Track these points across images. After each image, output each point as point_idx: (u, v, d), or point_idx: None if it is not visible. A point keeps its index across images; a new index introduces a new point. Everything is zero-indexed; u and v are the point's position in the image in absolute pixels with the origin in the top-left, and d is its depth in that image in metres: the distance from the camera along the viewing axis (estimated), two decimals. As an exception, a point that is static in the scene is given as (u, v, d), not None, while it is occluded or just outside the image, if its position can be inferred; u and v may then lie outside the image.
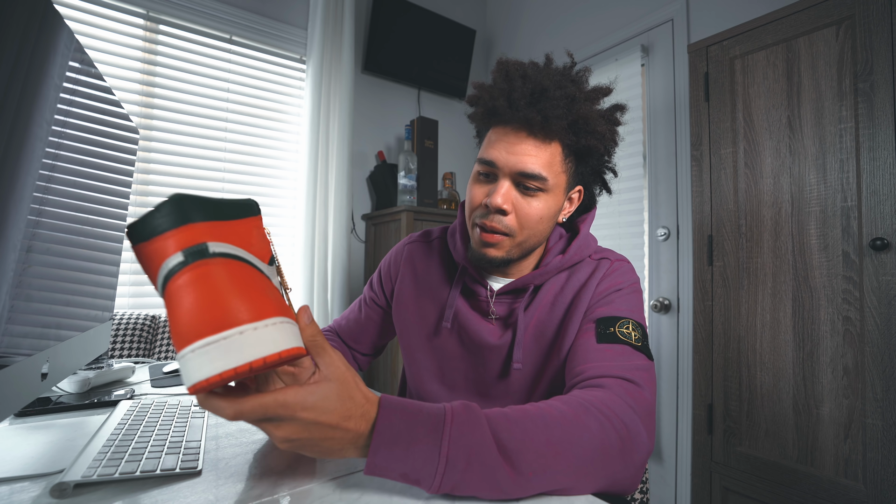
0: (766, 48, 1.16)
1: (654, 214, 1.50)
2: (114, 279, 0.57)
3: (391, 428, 0.31)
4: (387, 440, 0.31)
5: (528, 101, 0.48)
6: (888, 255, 0.95)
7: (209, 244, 0.26)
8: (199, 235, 0.25)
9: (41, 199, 0.36)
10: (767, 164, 1.16)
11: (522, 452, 0.33)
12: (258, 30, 1.63)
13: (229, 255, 0.26)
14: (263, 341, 0.25)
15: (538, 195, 0.50)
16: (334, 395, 0.30)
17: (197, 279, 0.24)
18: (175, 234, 0.25)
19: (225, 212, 0.29)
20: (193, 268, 0.24)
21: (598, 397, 0.39)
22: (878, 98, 0.97)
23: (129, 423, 0.45)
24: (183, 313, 0.23)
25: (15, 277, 0.33)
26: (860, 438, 0.97)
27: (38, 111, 0.34)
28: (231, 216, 0.29)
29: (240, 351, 0.23)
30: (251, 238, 0.30)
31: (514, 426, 0.34)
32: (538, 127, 0.48)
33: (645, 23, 1.53)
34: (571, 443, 0.35)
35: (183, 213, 0.25)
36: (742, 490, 1.16)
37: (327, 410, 0.29)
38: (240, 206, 0.31)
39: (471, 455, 0.32)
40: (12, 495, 0.33)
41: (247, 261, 0.28)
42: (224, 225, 0.28)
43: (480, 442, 0.32)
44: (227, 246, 0.27)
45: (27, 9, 0.31)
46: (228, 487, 0.35)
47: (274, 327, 0.26)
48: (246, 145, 1.62)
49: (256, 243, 0.30)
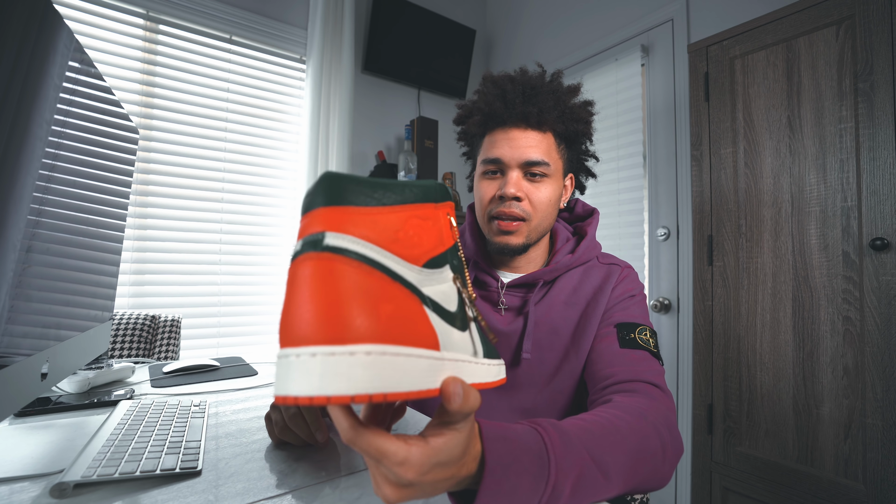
0: (766, 48, 1.16)
1: (655, 214, 1.50)
2: (113, 279, 0.57)
3: (500, 464, 0.28)
4: (497, 478, 0.28)
5: (522, 99, 0.54)
6: (888, 255, 0.95)
7: (327, 234, 0.21)
8: (320, 222, 0.21)
9: (41, 198, 0.36)
10: (767, 164, 1.16)
11: (612, 466, 0.34)
12: (258, 30, 1.62)
13: (343, 251, 0.21)
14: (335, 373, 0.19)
15: (544, 181, 0.55)
16: (460, 448, 0.25)
17: (301, 272, 0.20)
18: (304, 219, 0.22)
19: (373, 196, 0.23)
20: (303, 260, 0.20)
21: (644, 405, 0.43)
22: (878, 98, 0.97)
23: (128, 423, 0.45)
24: (284, 304, 0.20)
25: (15, 277, 0.33)
26: (860, 438, 0.97)
27: (38, 111, 0.34)
28: (379, 202, 0.23)
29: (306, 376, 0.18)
30: (399, 230, 0.23)
31: (601, 441, 0.35)
32: (534, 119, 0.54)
33: (645, 23, 1.53)
34: (642, 453, 0.37)
35: (316, 195, 0.22)
36: (742, 490, 1.16)
37: (450, 465, 0.25)
38: (403, 190, 0.24)
39: (574, 481, 0.32)
40: (12, 495, 0.33)
41: (370, 260, 0.21)
42: (361, 212, 0.22)
43: (581, 464, 0.32)
44: (347, 239, 0.21)
45: (27, 9, 0.31)
46: (228, 487, 0.35)
47: (353, 358, 0.19)
48: (246, 145, 1.62)
49: (406, 238, 0.23)
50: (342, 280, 0.20)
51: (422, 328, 0.22)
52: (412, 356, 0.21)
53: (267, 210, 1.67)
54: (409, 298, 0.22)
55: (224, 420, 0.51)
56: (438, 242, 0.25)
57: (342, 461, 0.41)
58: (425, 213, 0.25)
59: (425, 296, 0.24)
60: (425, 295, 0.24)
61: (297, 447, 0.44)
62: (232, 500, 0.33)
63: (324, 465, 0.39)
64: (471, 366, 0.26)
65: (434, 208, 0.26)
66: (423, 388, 0.21)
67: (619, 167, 1.61)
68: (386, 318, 0.20)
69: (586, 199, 1.74)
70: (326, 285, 0.19)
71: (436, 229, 0.25)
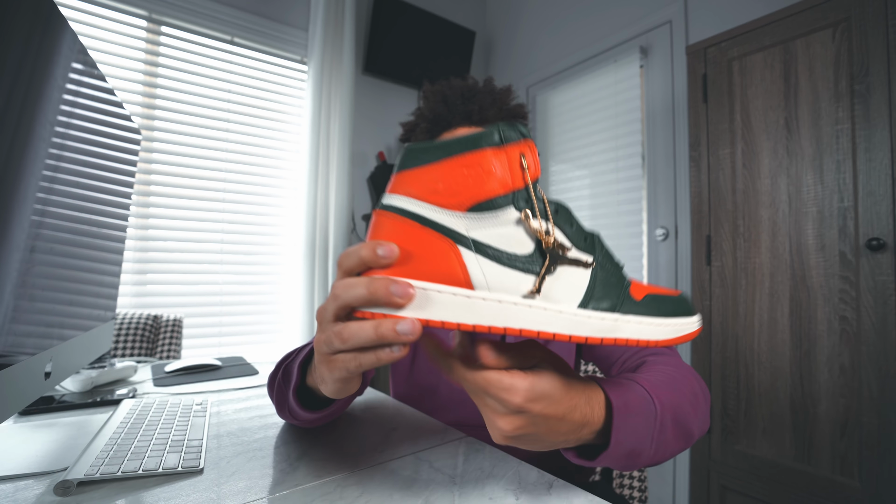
0: (763, 50, 1.17)
1: (653, 214, 1.50)
2: (116, 279, 0.58)
3: (625, 405, 0.32)
4: (625, 417, 0.31)
5: (462, 100, 0.57)
6: (884, 255, 0.96)
7: (384, 196, 0.27)
8: (388, 186, 0.27)
9: (44, 199, 0.36)
10: (765, 165, 1.16)
11: (686, 406, 0.37)
12: (259, 31, 1.63)
13: (387, 207, 0.26)
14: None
15: None
16: (559, 384, 0.28)
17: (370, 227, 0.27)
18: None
19: (421, 157, 0.26)
20: (374, 215, 0.27)
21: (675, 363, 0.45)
22: (874, 99, 0.98)
23: (131, 421, 0.46)
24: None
25: (19, 277, 0.33)
26: (856, 437, 0.98)
27: (41, 112, 0.34)
28: (424, 161, 0.26)
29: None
30: (440, 182, 0.25)
31: (670, 387, 0.38)
32: (476, 117, 0.56)
33: (643, 24, 1.54)
34: (696, 397, 0.40)
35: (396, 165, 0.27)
36: (740, 488, 1.17)
37: (555, 401, 0.28)
38: (450, 146, 0.25)
39: (672, 415, 0.35)
40: (17, 493, 0.33)
41: (405, 212, 0.25)
42: (412, 173, 0.26)
43: (672, 402, 0.35)
44: (394, 198, 0.26)
45: (32, 11, 0.32)
46: (230, 486, 0.35)
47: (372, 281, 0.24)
48: (247, 145, 1.62)
49: (447, 188, 0.25)
50: (380, 228, 0.26)
51: (447, 267, 0.25)
52: (427, 289, 0.24)
53: (268, 210, 1.67)
54: (440, 241, 0.25)
55: (226, 419, 0.52)
56: (490, 186, 0.25)
57: (343, 460, 0.41)
58: (471, 161, 0.25)
59: (468, 239, 0.25)
60: (468, 238, 0.25)
61: (300, 443, 0.44)
62: (234, 499, 0.33)
63: (325, 464, 0.40)
64: (523, 309, 0.25)
65: (491, 153, 0.25)
66: (451, 320, 0.24)
67: (618, 168, 1.61)
68: (405, 256, 0.25)
69: (585, 198, 1.74)
70: (373, 232, 0.26)
71: (484, 174, 0.25)
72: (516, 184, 0.25)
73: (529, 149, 0.26)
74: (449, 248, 0.25)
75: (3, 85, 0.29)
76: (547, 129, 1.93)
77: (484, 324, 0.24)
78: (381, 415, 0.54)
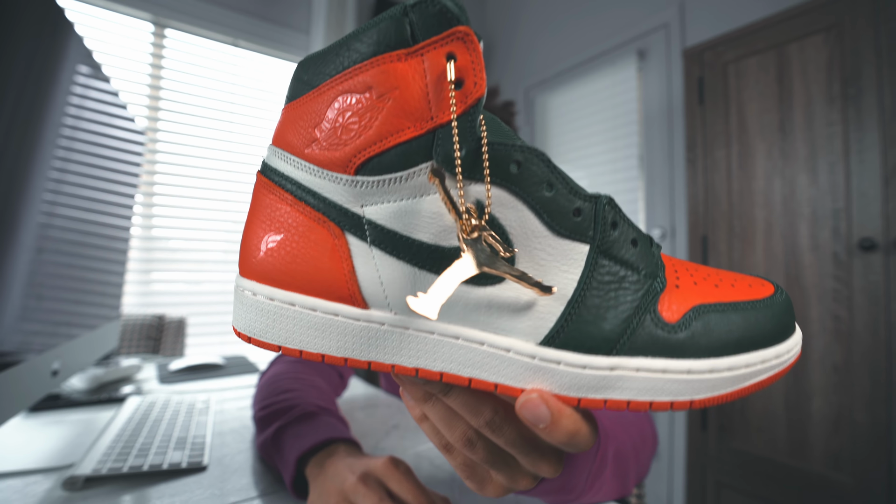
0: (758, 53, 1.18)
1: (650, 215, 1.52)
2: (121, 278, 0.58)
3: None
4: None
5: None
6: (876, 255, 0.98)
7: (268, 148, 0.17)
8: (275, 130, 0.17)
9: (51, 200, 0.37)
10: (760, 167, 1.18)
11: (631, 447, 0.34)
12: (262, 34, 1.64)
13: (264, 171, 0.16)
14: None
15: None
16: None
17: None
18: None
19: (304, 77, 0.15)
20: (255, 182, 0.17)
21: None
22: (866, 102, 1.00)
23: (136, 419, 0.46)
24: None
25: (27, 277, 0.34)
26: (848, 434, 1.00)
27: (48, 114, 0.35)
28: (309, 84, 0.15)
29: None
30: (319, 123, 0.15)
31: (617, 424, 0.34)
32: None
33: (640, 28, 1.55)
34: (644, 438, 0.36)
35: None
36: (735, 484, 1.18)
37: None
38: (345, 48, 0.15)
39: (614, 453, 0.30)
40: (26, 487, 0.34)
41: (281, 176, 0.16)
42: (293, 107, 0.16)
43: (616, 438, 0.31)
44: (273, 152, 0.16)
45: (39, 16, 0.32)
46: (234, 482, 0.36)
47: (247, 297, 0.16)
48: (250, 146, 1.63)
49: (330, 131, 0.15)
50: (256, 206, 0.16)
51: (327, 270, 0.15)
52: (294, 305, 0.15)
53: (266, 210, 1.68)
54: (319, 227, 0.15)
55: (229, 417, 0.52)
56: (393, 126, 0.14)
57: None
58: (367, 79, 0.14)
59: (362, 220, 0.15)
60: (363, 219, 0.15)
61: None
62: (237, 495, 0.34)
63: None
64: (446, 343, 0.15)
65: (395, 59, 0.14)
66: (336, 353, 0.15)
67: (616, 169, 1.63)
68: (273, 252, 0.15)
69: (583, 200, 1.76)
70: (250, 210, 0.17)
71: (386, 103, 0.14)
72: (440, 116, 0.14)
73: (464, 45, 0.14)
74: (330, 238, 0.15)
75: (12, 87, 0.29)
76: (545, 130, 1.94)
77: (384, 360, 0.15)
78: (381, 412, 0.55)
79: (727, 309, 0.16)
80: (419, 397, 0.18)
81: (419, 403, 0.18)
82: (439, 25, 0.14)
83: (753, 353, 0.15)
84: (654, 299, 0.15)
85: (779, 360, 0.16)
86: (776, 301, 0.16)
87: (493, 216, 0.15)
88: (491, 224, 0.15)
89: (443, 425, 0.18)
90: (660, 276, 0.16)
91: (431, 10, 0.14)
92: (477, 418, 0.17)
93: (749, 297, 0.16)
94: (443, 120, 0.14)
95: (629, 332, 0.15)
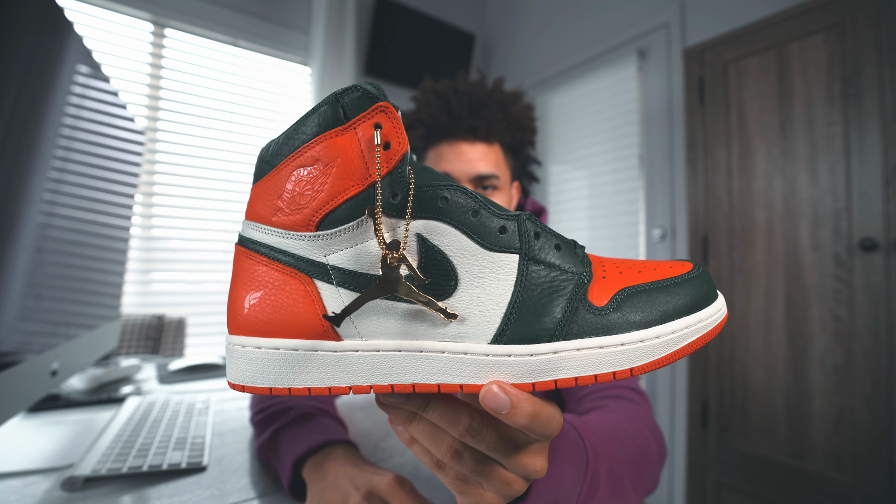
0: (758, 53, 1.18)
1: (650, 215, 1.52)
2: (120, 278, 0.58)
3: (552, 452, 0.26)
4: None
5: (469, 112, 0.51)
6: (877, 255, 0.98)
7: (242, 223, 0.20)
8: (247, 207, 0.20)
9: (51, 200, 0.37)
10: (760, 167, 1.18)
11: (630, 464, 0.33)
12: (262, 34, 1.64)
13: (241, 241, 0.20)
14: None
15: (495, 193, 0.53)
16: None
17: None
18: None
19: (267, 160, 0.19)
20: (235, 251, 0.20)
21: (635, 409, 0.42)
22: (866, 102, 1.00)
23: (136, 419, 0.46)
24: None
25: (26, 277, 0.34)
26: (849, 434, 1.00)
27: (48, 114, 0.35)
28: (271, 164, 0.19)
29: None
30: (281, 195, 0.18)
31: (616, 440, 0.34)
32: (483, 132, 0.52)
33: (641, 27, 1.55)
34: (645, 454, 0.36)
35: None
36: (736, 485, 1.18)
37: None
38: (295, 133, 0.19)
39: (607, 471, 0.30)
40: (25, 488, 0.34)
41: (253, 243, 0.19)
42: (259, 186, 0.19)
43: (611, 456, 0.31)
44: (247, 226, 0.20)
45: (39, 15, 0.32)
46: (233, 482, 0.36)
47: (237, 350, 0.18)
48: (249, 146, 1.63)
49: (291, 199, 0.18)
50: (238, 272, 0.19)
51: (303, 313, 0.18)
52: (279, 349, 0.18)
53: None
54: (292, 278, 0.18)
55: (229, 417, 0.52)
56: (340, 187, 0.18)
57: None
58: (315, 154, 0.18)
59: (326, 266, 0.18)
60: (327, 266, 0.18)
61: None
62: (237, 495, 0.34)
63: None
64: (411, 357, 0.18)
65: (334, 136, 0.18)
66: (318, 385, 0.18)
67: (616, 168, 1.62)
68: (255, 307, 0.18)
69: (583, 199, 1.76)
70: (232, 277, 0.20)
71: (332, 170, 0.18)
72: (375, 173, 0.18)
73: (387, 116, 0.18)
74: (301, 287, 0.18)
75: (11, 86, 0.29)
76: (546, 130, 1.94)
77: (362, 383, 0.18)
78: (380, 413, 0.55)
79: (650, 288, 0.18)
80: (404, 419, 0.20)
81: (405, 426, 0.20)
82: (364, 104, 0.18)
83: (678, 321, 0.18)
84: (583, 290, 0.18)
85: (703, 324, 0.18)
86: (693, 275, 0.19)
87: (432, 244, 0.18)
88: (431, 251, 0.18)
89: (429, 442, 0.20)
90: (586, 272, 0.19)
91: (356, 94, 0.18)
92: (457, 427, 0.19)
93: (669, 276, 0.19)
94: (377, 176, 0.18)
95: (565, 319, 0.18)
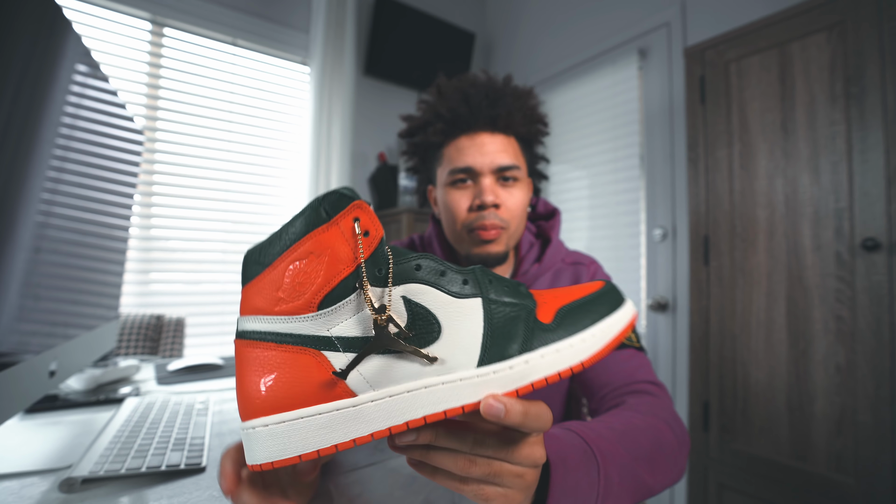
0: (760, 52, 1.17)
1: (651, 215, 1.51)
2: (119, 278, 0.58)
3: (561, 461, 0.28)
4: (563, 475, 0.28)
5: (488, 103, 0.52)
6: (879, 255, 0.97)
7: (238, 320, 0.23)
8: (241, 306, 0.23)
9: (49, 199, 0.36)
10: (762, 166, 1.17)
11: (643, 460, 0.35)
12: (261, 33, 1.64)
13: (242, 334, 0.22)
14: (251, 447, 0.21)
15: (516, 185, 0.53)
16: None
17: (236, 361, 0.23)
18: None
19: (260, 261, 0.23)
20: (235, 346, 0.23)
21: (652, 403, 0.43)
22: (869, 101, 0.99)
23: (134, 420, 0.46)
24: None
25: (24, 277, 0.33)
26: (851, 435, 0.99)
27: (46, 113, 0.34)
28: (263, 264, 0.22)
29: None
30: (280, 287, 0.22)
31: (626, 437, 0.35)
32: (503, 123, 0.52)
33: (641, 27, 1.55)
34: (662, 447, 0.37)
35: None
36: (737, 486, 1.18)
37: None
38: (283, 234, 0.23)
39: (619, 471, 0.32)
40: (22, 489, 0.34)
41: (258, 334, 0.22)
42: (254, 284, 0.22)
43: (620, 456, 0.32)
44: (246, 319, 0.22)
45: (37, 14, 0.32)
46: (233, 482, 0.36)
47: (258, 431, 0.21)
48: (249, 146, 1.63)
49: (290, 289, 0.22)
50: (244, 363, 0.22)
51: (318, 382, 0.21)
52: (303, 417, 0.21)
53: (269, 210, 1.68)
54: (302, 355, 0.22)
55: (227, 417, 0.52)
56: (334, 272, 0.22)
57: (344, 457, 0.41)
58: (308, 248, 0.22)
59: (331, 339, 0.22)
60: (331, 338, 0.22)
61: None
62: (237, 495, 0.34)
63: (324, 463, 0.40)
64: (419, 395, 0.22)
65: (322, 232, 0.22)
66: (343, 440, 0.21)
67: (616, 168, 1.62)
68: (272, 387, 0.21)
69: (584, 198, 1.75)
70: (239, 369, 0.22)
71: (325, 259, 0.22)
72: (360, 256, 0.22)
73: (362, 210, 0.23)
74: (313, 359, 0.22)
75: (9, 86, 0.29)
76: (546, 129, 1.94)
77: (381, 428, 0.21)
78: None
79: (579, 303, 0.25)
80: (421, 454, 0.24)
81: (424, 458, 0.24)
82: (342, 203, 0.23)
83: (600, 324, 0.24)
84: (533, 314, 0.24)
85: (621, 322, 0.25)
86: (605, 290, 0.26)
87: (416, 302, 0.23)
88: (416, 307, 0.23)
89: (448, 463, 0.23)
90: (531, 301, 0.25)
91: (334, 197, 0.23)
92: (466, 442, 0.23)
93: (589, 292, 0.26)
94: (362, 258, 0.22)
95: (527, 337, 0.23)
